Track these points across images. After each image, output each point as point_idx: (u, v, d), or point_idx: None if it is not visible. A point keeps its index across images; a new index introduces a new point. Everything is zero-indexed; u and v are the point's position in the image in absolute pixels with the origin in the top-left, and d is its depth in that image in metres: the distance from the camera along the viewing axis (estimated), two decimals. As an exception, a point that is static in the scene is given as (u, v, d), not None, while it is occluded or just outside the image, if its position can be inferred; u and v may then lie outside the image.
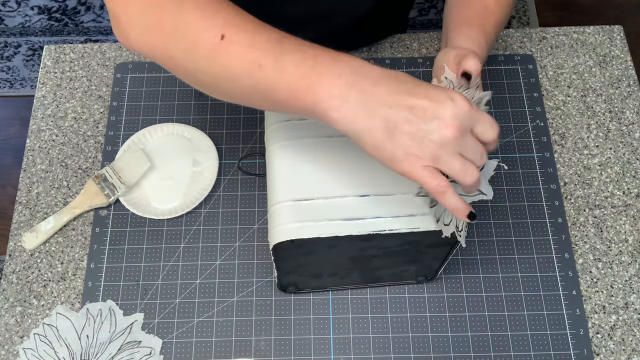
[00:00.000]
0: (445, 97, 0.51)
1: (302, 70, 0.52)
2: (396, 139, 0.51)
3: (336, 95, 0.52)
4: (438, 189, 0.53)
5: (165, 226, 0.81)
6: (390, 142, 0.52)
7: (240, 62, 0.53)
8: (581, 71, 0.92)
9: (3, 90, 1.83)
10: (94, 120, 0.88)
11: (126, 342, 0.74)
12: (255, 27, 0.54)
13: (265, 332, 0.75)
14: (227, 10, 0.55)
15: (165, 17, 0.55)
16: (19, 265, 0.79)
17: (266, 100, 0.55)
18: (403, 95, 0.51)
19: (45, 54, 0.93)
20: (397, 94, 0.51)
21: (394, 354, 0.74)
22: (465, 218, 0.55)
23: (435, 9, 1.93)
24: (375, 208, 0.63)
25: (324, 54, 0.53)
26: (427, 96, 0.51)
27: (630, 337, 0.76)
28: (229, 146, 0.86)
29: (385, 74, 0.53)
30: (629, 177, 0.85)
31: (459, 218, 0.55)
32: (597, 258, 0.80)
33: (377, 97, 0.51)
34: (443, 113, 0.51)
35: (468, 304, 0.77)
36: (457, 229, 0.62)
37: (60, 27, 1.91)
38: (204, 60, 0.55)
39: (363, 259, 0.69)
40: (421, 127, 0.51)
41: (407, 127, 0.51)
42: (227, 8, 0.55)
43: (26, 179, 0.84)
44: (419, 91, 0.52)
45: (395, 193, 0.63)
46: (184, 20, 0.54)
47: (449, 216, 0.62)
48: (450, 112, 0.51)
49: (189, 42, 0.55)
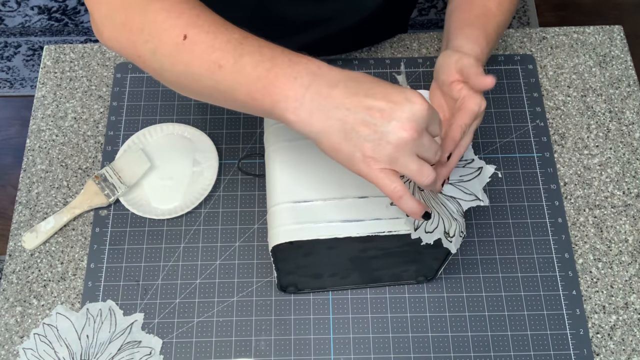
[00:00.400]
0: (403, 98, 0.51)
1: (259, 72, 0.53)
2: (353, 141, 0.51)
3: (292, 97, 0.52)
4: (394, 194, 0.53)
5: (165, 226, 0.81)
6: (347, 144, 0.52)
7: (202, 62, 0.55)
8: (581, 71, 0.92)
9: (3, 90, 1.83)
10: (94, 120, 0.88)
11: (126, 342, 0.74)
12: (218, 28, 0.55)
13: (265, 332, 0.75)
14: (192, 10, 0.56)
15: (133, 16, 0.57)
16: (19, 265, 0.79)
17: (227, 100, 0.56)
18: (360, 97, 0.51)
19: (45, 54, 0.93)
20: (354, 95, 0.51)
21: (394, 354, 0.74)
22: (420, 218, 0.56)
23: (435, 9, 1.93)
24: (374, 209, 0.62)
25: (282, 56, 0.53)
26: (384, 97, 0.51)
27: (630, 337, 0.76)
28: (229, 146, 0.86)
29: (344, 75, 0.53)
30: (629, 177, 0.85)
31: (415, 219, 0.56)
32: (597, 258, 0.80)
33: (334, 99, 0.51)
34: (400, 115, 0.51)
35: (468, 304, 0.77)
36: (448, 235, 0.62)
37: (60, 27, 1.91)
38: (168, 59, 0.56)
39: (363, 260, 0.69)
40: (378, 129, 0.51)
41: (364, 129, 0.51)
42: (193, 9, 0.56)
43: (26, 179, 0.84)
44: (377, 92, 0.52)
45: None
46: (150, 20, 0.56)
47: (431, 223, 0.62)
48: (407, 113, 0.51)
49: (155, 41, 0.56)
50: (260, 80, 0.53)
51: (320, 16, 0.84)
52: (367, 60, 0.92)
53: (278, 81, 0.52)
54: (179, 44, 0.55)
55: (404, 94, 0.52)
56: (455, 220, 0.63)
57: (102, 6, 0.59)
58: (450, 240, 0.63)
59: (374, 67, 0.92)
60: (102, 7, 0.59)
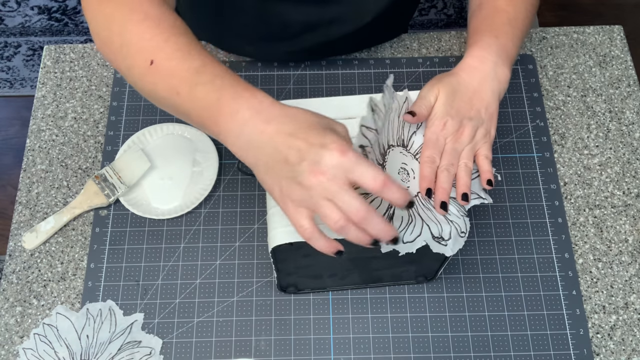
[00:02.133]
0: (319, 142, 0.52)
1: (207, 102, 0.57)
2: (274, 177, 0.55)
3: (231, 130, 0.56)
4: (303, 234, 0.55)
5: (165, 226, 0.81)
6: (270, 179, 0.56)
7: (164, 87, 0.59)
8: (581, 71, 0.92)
9: (3, 90, 1.83)
10: (94, 120, 0.88)
11: (126, 342, 0.74)
12: (183, 54, 0.58)
13: (265, 332, 0.75)
14: (162, 35, 0.59)
15: (114, 34, 0.61)
16: (19, 265, 0.79)
17: (188, 121, 0.60)
18: (286, 136, 0.53)
19: (45, 54, 0.93)
20: (283, 134, 0.54)
21: (394, 354, 0.74)
22: (333, 255, 0.57)
23: (435, 9, 1.93)
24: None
25: (230, 89, 0.57)
26: (305, 139, 0.53)
27: (630, 337, 0.76)
28: (229, 146, 0.86)
29: (282, 112, 0.55)
30: (629, 177, 0.85)
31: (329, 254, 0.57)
32: (597, 258, 0.80)
33: (266, 135, 0.54)
34: (313, 157, 0.52)
35: (468, 304, 0.77)
36: (441, 239, 0.62)
37: (60, 27, 1.91)
38: (138, 79, 0.61)
39: (362, 260, 0.69)
40: (295, 168, 0.53)
41: (283, 167, 0.54)
42: (163, 32, 0.59)
43: (26, 179, 0.84)
44: (302, 132, 0.53)
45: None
46: (126, 40, 0.60)
47: (411, 233, 0.61)
48: (318, 157, 0.52)
49: (129, 61, 0.61)
50: (208, 109, 0.57)
51: (322, 20, 0.84)
52: (367, 60, 0.92)
53: (221, 114, 0.56)
54: (147, 67, 0.59)
55: (322, 137, 0.53)
56: (452, 223, 0.63)
57: (91, 22, 0.64)
58: (445, 243, 0.62)
59: (374, 67, 0.92)
60: (91, 23, 0.64)
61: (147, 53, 0.59)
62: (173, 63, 0.58)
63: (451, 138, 0.68)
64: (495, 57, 0.70)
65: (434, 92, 0.68)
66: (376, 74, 0.91)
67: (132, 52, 0.60)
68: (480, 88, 0.69)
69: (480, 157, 0.69)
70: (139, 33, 0.60)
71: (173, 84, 0.58)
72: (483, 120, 0.69)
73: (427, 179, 0.66)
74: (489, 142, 0.69)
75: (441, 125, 0.68)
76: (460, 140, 0.68)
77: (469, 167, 0.68)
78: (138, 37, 0.60)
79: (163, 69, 0.58)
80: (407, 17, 0.97)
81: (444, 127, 0.68)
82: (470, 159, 0.68)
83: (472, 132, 0.68)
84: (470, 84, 0.69)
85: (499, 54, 0.71)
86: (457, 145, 0.68)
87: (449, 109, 0.68)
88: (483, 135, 0.69)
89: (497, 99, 0.70)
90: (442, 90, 0.68)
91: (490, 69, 0.70)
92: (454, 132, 0.68)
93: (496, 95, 0.70)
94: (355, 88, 0.90)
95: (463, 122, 0.68)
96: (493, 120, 0.70)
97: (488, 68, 0.70)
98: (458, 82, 0.69)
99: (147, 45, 0.59)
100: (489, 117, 0.69)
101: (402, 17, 0.95)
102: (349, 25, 0.85)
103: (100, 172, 0.82)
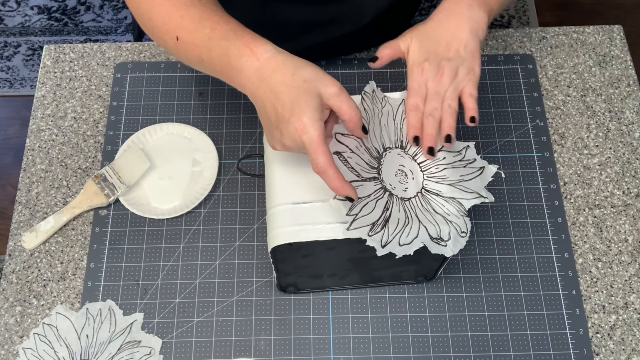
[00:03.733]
0: (288, 116, 0.59)
1: (222, 66, 0.65)
2: (267, 125, 0.62)
3: (242, 85, 0.64)
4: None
5: (165, 226, 0.81)
6: (265, 126, 0.63)
7: (193, 57, 0.68)
8: (581, 71, 0.92)
9: (3, 90, 1.83)
10: (94, 120, 0.88)
11: (126, 342, 0.74)
12: (196, 26, 0.66)
13: (265, 332, 0.75)
14: (180, 12, 0.67)
15: (147, 21, 0.70)
16: (19, 265, 0.79)
17: (217, 76, 0.69)
18: (272, 97, 0.60)
19: (45, 54, 0.93)
20: (270, 93, 0.60)
21: (394, 354, 0.74)
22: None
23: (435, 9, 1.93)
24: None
25: (234, 50, 0.63)
26: (284, 105, 0.59)
27: (630, 337, 0.76)
28: (229, 146, 0.86)
29: (278, 68, 0.61)
30: (629, 177, 0.85)
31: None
32: (597, 258, 0.80)
33: (260, 92, 0.61)
34: (281, 129, 0.60)
35: (468, 304, 0.77)
36: (441, 240, 0.62)
37: (60, 27, 1.91)
38: (172, 51, 0.70)
39: (362, 261, 0.69)
40: (275, 127, 0.61)
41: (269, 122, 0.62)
42: (180, 10, 0.67)
43: (26, 179, 0.84)
44: (285, 96, 0.59)
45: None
46: (156, 25, 0.69)
47: (408, 235, 0.61)
48: (285, 130, 0.60)
49: (164, 42, 0.70)
50: (225, 71, 0.65)
51: (321, 20, 0.84)
52: (367, 61, 0.92)
53: (233, 73, 0.64)
54: (176, 44, 0.68)
55: (292, 110, 0.58)
56: (451, 223, 0.63)
57: (133, 13, 0.73)
58: (445, 244, 0.62)
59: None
60: (134, 14, 0.73)
61: (172, 32, 0.67)
62: (191, 36, 0.66)
63: (432, 82, 0.68)
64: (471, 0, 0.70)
65: (406, 40, 0.70)
66: (376, 74, 0.91)
67: (162, 34, 0.69)
68: (457, 29, 0.69)
69: (465, 95, 0.68)
70: (160, 17, 0.68)
71: (197, 53, 0.67)
72: (464, 59, 0.69)
73: (414, 128, 0.68)
74: (474, 80, 0.69)
75: (420, 72, 0.68)
76: (441, 83, 0.68)
77: (453, 107, 0.68)
78: (161, 20, 0.68)
79: (187, 42, 0.67)
80: (407, 17, 0.97)
81: (423, 72, 0.68)
82: (455, 99, 0.68)
83: (453, 73, 0.68)
84: (446, 27, 0.69)
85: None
86: (440, 89, 0.68)
87: (425, 54, 0.68)
88: (466, 74, 0.68)
89: (476, 37, 0.70)
90: (415, 37, 0.69)
91: (466, 10, 0.70)
92: (435, 75, 0.68)
93: (474, 34, 0.70)
94: (355, 88, 0.90)
95: (441, 64, 0.68)
96: (475, 58, 0.69)
97: (463, 9, 0.70)
98: (433, 26, 0.70)
99: (170, 25, 0.67)
100: (470, 55, 0.69)
101: (402, 17, 0.95)
102: (348, 26, 0.85)
103: (100, 172, 0.82)
